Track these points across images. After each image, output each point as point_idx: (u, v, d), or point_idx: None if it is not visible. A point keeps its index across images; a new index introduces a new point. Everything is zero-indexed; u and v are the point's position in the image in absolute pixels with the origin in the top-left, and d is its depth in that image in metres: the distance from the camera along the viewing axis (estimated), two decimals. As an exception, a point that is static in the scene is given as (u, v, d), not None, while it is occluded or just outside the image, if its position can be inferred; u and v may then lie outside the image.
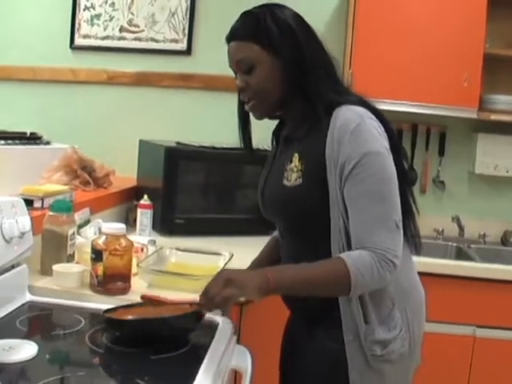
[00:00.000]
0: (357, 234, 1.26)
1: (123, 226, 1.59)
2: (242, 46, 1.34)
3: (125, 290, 1.58)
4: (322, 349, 1.38)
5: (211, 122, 2.93)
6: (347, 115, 1.29)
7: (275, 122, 1.53)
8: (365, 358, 1.34)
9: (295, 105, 1.37)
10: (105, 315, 1.30)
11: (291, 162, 1.36)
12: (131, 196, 2.52)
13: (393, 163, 1.30)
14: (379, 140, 1.29)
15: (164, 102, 2.97)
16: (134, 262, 1.68)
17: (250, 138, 1.49)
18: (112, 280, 1.55)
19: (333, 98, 1.32)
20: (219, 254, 1.86)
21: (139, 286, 1.61)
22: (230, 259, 1.81)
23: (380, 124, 1.32)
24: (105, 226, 1.58)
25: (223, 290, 1.20)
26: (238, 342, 1.47)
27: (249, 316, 1.99)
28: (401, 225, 1.28)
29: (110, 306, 1.36)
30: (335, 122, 1.29)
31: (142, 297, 1.35)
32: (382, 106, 2.47)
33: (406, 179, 1.38)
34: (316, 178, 1.30)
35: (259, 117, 1.42)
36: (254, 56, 1.33)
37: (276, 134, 1.52)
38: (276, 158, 1.48)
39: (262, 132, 1.58)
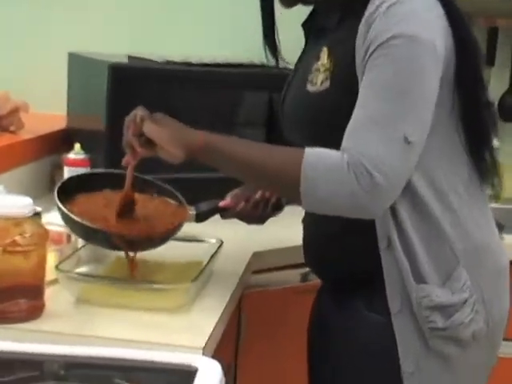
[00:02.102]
0: (345, 134, 1.35)
1: (28, 201, 1.44)
2: None
3: (33, 313, 1.45)
4: (360, 325, 1.49)
5: (186, 22, 2.83)
6: None
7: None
8: (421, 334, 1.43)
9: None
10: (65, 211, 1.54)
11: (318, 59, 1.50)
12: (57, 145, 2.45)
13: (438, 61, 1.37)
14: (425, 25, 1.37)
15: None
16: (52, 261, 1.58)
17: (274, 39, 1.67)
18: (9, 297, 1.43)
19: None
20: (200, 241, 1.80)
21: (61, 303, 1.51)
22: (218, 249, 1.73)
23: (443, 11, 1.41)
24: (-5, 203, 1.45)
25: (145, 116, 1.47)
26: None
27: (246, 355, 1.98)
28: (416, 143, 1.35)
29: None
30: (374, 1, 1.39)
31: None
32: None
33: (481, 88, 1.48)
34: (347, 80, 1.42)
35: (287, 5, 1.59)
36: None
37: (306, 26, 1.65)
38: (302, 59, 1.64)
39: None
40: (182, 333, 1.44)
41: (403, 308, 1.45)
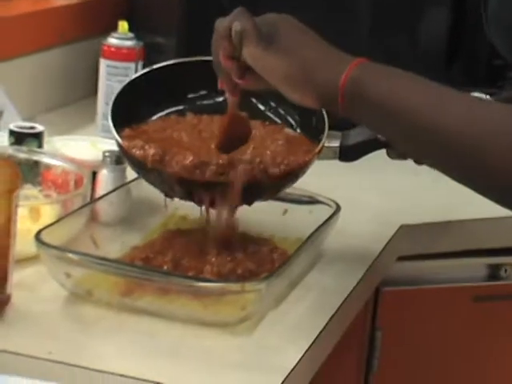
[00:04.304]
0: None
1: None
2: None
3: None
4: None
5: None
6: None
7: None
8: None
9: None
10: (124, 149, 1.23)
11: None
12: (114, 20, 1.94)
13: None
14: None
15: None
16: (46, 221, 1.30)
17: None
18: None
19: None
20: (303, 202, 1.48)
21: (41, 298, 1.22)
22: (331, 218, 1.39)
23: None
24: None
25: (247, 28, 1.13)
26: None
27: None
28: None
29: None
30: None
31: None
32: None
33: None
34: None
35: None
36: None
37: None
38: None
39: None
40: (239, 368, 1.04)
41: None
